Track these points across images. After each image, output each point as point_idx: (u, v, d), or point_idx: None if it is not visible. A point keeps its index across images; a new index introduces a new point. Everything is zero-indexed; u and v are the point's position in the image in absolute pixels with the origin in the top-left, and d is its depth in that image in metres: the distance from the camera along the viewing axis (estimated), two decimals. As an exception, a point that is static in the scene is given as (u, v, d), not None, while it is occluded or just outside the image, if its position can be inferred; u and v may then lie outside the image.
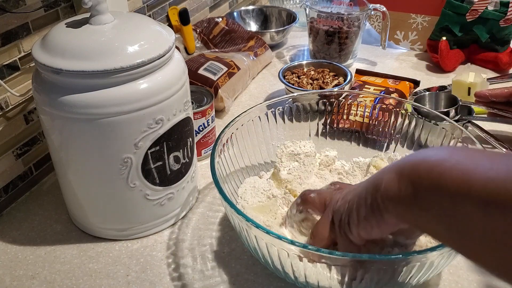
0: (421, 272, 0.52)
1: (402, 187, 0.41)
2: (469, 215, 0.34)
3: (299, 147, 0.73)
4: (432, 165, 0.38)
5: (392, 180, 0.42)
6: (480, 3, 1.03)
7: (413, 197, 0.40)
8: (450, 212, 0.36)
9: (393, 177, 0.42)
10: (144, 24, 0.61)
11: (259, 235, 0.53)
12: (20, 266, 0.65)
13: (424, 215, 0.39)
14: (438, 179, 0.37)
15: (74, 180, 0.64)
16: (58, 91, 0.57)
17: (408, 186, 0.40)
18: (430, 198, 0.38)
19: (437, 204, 0.37)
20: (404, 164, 0.42)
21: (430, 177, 0.38)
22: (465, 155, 0.37)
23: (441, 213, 0.37)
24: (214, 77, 0.93)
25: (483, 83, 0.94)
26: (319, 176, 0.72)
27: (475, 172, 0.34)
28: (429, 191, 0.38)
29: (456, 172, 0.35)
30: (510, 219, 0.31)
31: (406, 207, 0.41)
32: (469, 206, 0.34)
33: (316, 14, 1.09)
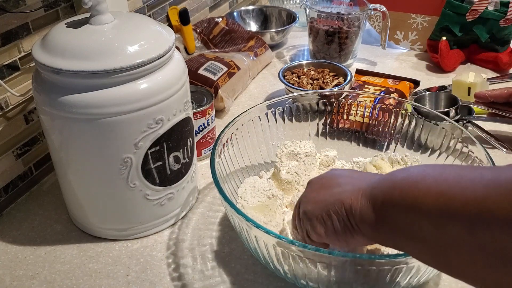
0: (421, 272, 0.52)
1: (378, 216, 0.41)
2: (453, 235, 0.34)
3: (299, 147, 0.73)
4: (405, 190, 0.38)
5: (365, 207, 0.42)
6: (480, 3, 1.03)
7: (390, 223, 0.40)
8: (432, 235, 0.35)
9: (366, 204, 0.42)
10: (144, 24, 0.61)
11: (259, 235, 0.53)
12: (20, 266, 0.65)
13: (403, 239, 0.39)
14: (415, 204, 0.36)
15: (74, 180, 0.64)
16: (58, 91, 0.57)
17: (384, 214, 0.40)
18: (409, 223, 0.37)
19: (418, 228, 0.36)
20: (377, 191, 0.42)
21: (406, 202, 0.37)
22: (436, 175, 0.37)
23: (422, 236, 0.36)
24: (214, 77, 0.93)
25: (483, 83, 0.94)
26: None
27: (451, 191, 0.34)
28: (407, 217, 0.37)
29: (432, 194, 0.35)
30: (497, 235, 0.31)
31: (384, 233, 0.41)
32: (452, 226, 0.34)
33: (316, 14, 1.09)
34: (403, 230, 0.38)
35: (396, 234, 0.40)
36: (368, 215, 0.42)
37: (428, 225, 0.35)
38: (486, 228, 0.31)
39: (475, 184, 0.33)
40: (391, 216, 0.39)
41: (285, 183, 0.70)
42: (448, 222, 0.34)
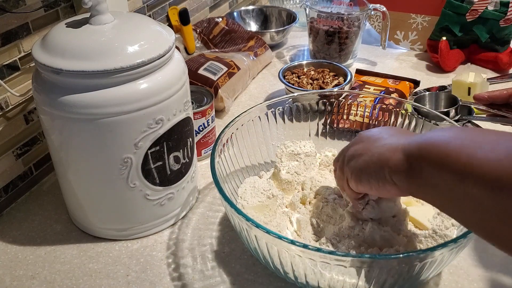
0: (422, 271, 0.52)
1: (412, 167, 0.44)
2: (472, 194, 0.37)
3: (299, 147, 0.73)
4: (439, 146, 0.41)
5: (401, 160, 0.46)
6: (480, 3, 1.03)
7: (423, 176, 0.43)
8: (456, 191, 0.39)
9: (402, 158, 0.46)
10: (144, 24, 0.61)
11: (259, 235, 0.53)
12: (20, 266, 0.65)
13: (434, 192, 0.43)
14: (445, 160, 0.40)
15: (74, 180, 0.64)
16: (58, 91, 0.57)
17: (418, 167, 0.44)
18: (439, 177, 0.41)
19: (445, 183, 0.40)
20: (413, 146, 0.45)
21: (438, 157, 0.41)
22: (469, 137, 0.40)
23: (449, 191, 0.40)
24: (214, 77, 0.93)
25: (483, 83, 0.94)
26: (320, 176, 0.72)
27: (476, 153, 0.37)
28: (437, 171, 0.41)
29: (460, 153, 0.38)
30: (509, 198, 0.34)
31: (417, 185, 0.45)
32: (472, 186, 0.37)
33: (316, 14, 1.09)
34: (433, 184, 0.42)
35: (427, 187, 0.43)
36: (402, 166, 0.45)
37: (453, 181, 0.39)
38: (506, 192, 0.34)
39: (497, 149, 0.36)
40: (424, 170, 0.43)
41: (285, 183, 0.70)
42: (468, 179, 0.37)
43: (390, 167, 0.47)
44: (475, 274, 0.62)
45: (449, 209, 0.43)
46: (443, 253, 0.50)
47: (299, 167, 0.71)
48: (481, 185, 0.36)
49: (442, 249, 0.49)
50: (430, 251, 0.49)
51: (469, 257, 0.64)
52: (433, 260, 0.50)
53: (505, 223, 0.35)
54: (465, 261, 0.64)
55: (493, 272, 0.62)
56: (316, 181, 0.69)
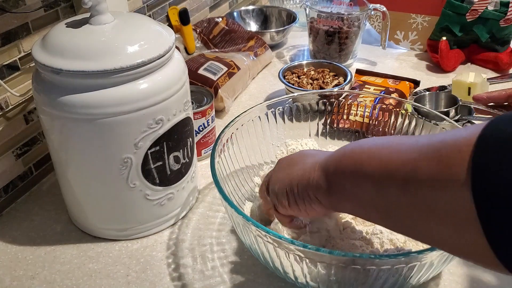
0: (421, 272, 0.52)
1: (330, 182, 0.46)
2: (391, 196, 0.38)
3: (300, 145, 0.74)
4: (353, 158, 0.42)
5: (319, 177, 0.47)
6: (480, 3, 1.03)
7: (341, 189, 0.44)
8: (376, 197, 0.39)
9: (320, 174, 0.47)
10: (144, 24, 0.61)
11: (259, 235, 0.53)
12: (20, 266, 0.65)
13: (355, 203, 0.43)
14: (360, 170, 0.41)
15: (74, 180, 0.64)
16: (58, 91, 0.57)
17: (335, 180, 0.45)
18: (357, 188, 0.42)
19: (364, 192, 0.41)
20: (329, 161, 0.46)
21: (353, 168, 0.42)
22: (380, 144, 0.41)
23: (369, 199, 0.40)
24: (214, 77, 0.93)
25: (483, 83, 0.94)
26: None
27: (393, 156, 0.38)
28: (355, 182, 0.42)
29: (374, 160, 0.39)
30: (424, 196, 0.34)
31: (337, 198, 0.46)
32: (391, 189, 0.38)
33: (316, 14, 1.09)
34: (353, 195, 0.43)
35: (347, 199, 0.44)
36: (322, 183, 0.46)
37: (371, 188, 0.40)
38: (418, 187, 0.35)
39: (410, 149, 0.37)
40: (341, 182, 0.44)
41: None
42: (386, 183, 0.38)
43: (312, 186, 0.48)
44: (475, 274, 0.62)
45: (372, 217, 0.43)
46: (443, 253, 0.50)
47: None
48: (393, 184, 0.37)
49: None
50: (430, 251, 0.49)
51: (469, 257, 0.64)
52: (433, 260, 0.50)
53: (422, 217, 0.36)
54: (465, 261, 0.63)
55: (493, 272, 0.62)
56: None
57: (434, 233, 0.36)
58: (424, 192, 0.34)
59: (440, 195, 0.33)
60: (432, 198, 0.34)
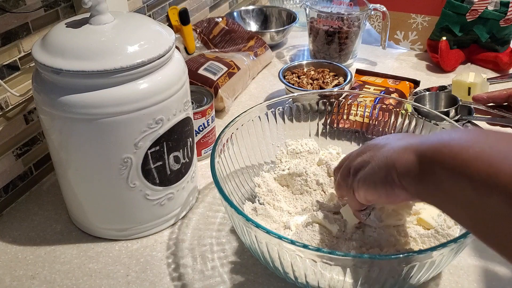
0: (422, 271, 0.52)
1: (424, 169, 0.41)
2: (495, 207, 0.34)
3: (300, 145, 0.74)
4: (456, 151, 0.38)
5: (411, 161, 0.42)
6: (480, 3, 1.03)
7: (435, 180, 0.40)
8: (474, 201, 0.36)
9: (413, 159, 0.42)
10: (144, 24, 0.61)
11: (259, 235, 0.53)
12: (20, 266, 0.65)
13: (446, 198, 0.39)
14: (462, 167, 0.36)
15: (74, 180, 0.64)
16: (58, 91, 0.57)
17: (430, 169, 0.40)
18: (453, 184, 0.38)
19: (460, 191, 0.37)
20: (426, 147, 0.42)
21: (454, 163, 0.37)
22: (490, 143, 0.36)
23: (464, 200, 0.37)
24: (214, 77, 0.93)
25: (483, 83, 0.94)
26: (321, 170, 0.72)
27: (502, 164, 0.34)
28: (452, 177, 0.38)
29: (482, 162, 0.35)
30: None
31: (427, 188, 0.41)
32: (495, 198, 0.34)
33: (316, 14, 1.09)
34: (446, 189, 0.39)
35: (438, 191, 0.40)
36: (414, 168, 0.42)
37: (471, 191, 0.36)
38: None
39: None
40: (437, 173, 0.39)
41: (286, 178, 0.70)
42: (491, 192, 0.34)
43: (398, 169, 0.44)
44: (475, 274, 0.62)
45: (461, 217, 0.39)
46: (443, 253, 0.50)
47: (300, 164, 0.71)
48: (504, 199, 0.33)
49: (442, 249, 0.49)
50: (430, 251, 0.49)
51: (469, 257, 0.64)
52: (433, 260, 0.50)
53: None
54: (465, 261, 0.64)
55: (493, 272, 0.62)
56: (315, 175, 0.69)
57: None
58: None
59: None
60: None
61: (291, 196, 0.69)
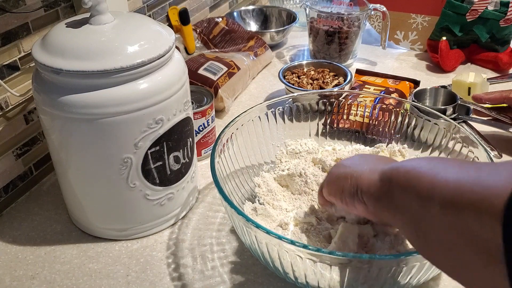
0: (421, 272, 0.52)
1: (381, 187, 0.46)
2: (431, 216, 0.38)
3: (300, 145, 0.73)
4: (408, 169, 0.43)
5: (374, 181, 0.48)
6: (480, 3, 1.03)
7: (389, 196, 0.45)
8: (419, 213, 0.40)
9: (376, 178, 0.48)
10: (144, 24, 0.61)
11: (259, 235, 0.53)
12: (20, 266, 0.65)
13: (397, 213, 0.44)
14: (411, 181, 0.41)
15: (74, 180, 0.64)
16: (58, 91, 0.57)
17: (387, 187, 0.45)
18: (404, 198, 0.42)
19: (409, 205, 0.41)
20: (388, 168, 0.47)
21: (405, 179, 0.42)
22: (436, 164, 0.41)
23: (411, 213, 0.41)
24: (214, 77, 0.93)
25: (483, 83, 0.94)
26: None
27: (442, 176, 0.38)
28: (403, 192, 0.42)
29: (427, 176, 0.40)
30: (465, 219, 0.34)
31: (382, 204, 0.47)
32: (432, 207, 0.38)
33: (316, 14, 1.09)
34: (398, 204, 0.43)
35: (391, 206, 0.45)
36: (374, 187, 0.48)
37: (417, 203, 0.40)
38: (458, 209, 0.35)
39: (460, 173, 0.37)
40: (391, 190, 0.44)
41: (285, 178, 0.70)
42: (431, 203, 0.38)
43: (363, 187, 0.49)
44: (475, 274, 0.62)
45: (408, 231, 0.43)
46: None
47: (300, 164, 0.71)
48: (440, 209, 0.37)
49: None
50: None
51: (469, 257, 0.64)
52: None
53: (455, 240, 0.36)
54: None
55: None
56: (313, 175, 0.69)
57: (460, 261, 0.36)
58: (463, 214, 0.34)
59: (477, 223, 0.33)
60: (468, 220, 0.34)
61: (290, 196, 0.69)
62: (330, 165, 0.69)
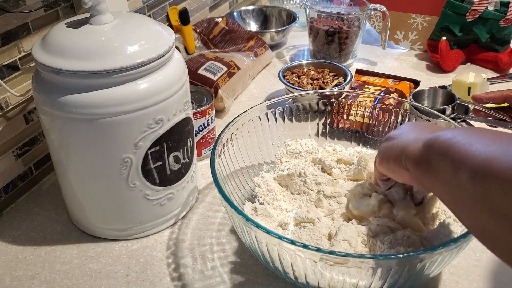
0: (422, 272, 0.52)
1: (423, 155, 0.49)
2: (461, 184, 0.40)
3: (300, 145, 0.73)
4: (446, 138, 0.45)
5: (418, 148, 0.50)
6: (480, 3, 1.03)
7: (428, 162, 0.47)
8: (452, 180, 0.42)
9: (419, 146, 0.50)
10: (144, 24, 0.61)
11: (259, 235, 0.53)
12: (20, 266, 0.65)
13: (433, 178, 0.46)
14: (448, 149, 0.44)
15: (74, 180, 0.64)
16: (58, 91, 0.57)
17: (427, 154, 0.48)
18: (440, 165, 0.45)
19: (443, 171, 0.44)
20: (432, 136, 0.49)
21: (443, 146, 0.45)
22: (474, 134, 0.43)
23: (446, 179, 0.43)
24: (214, 77, 0.93)
25: (483, 83, 0.94)
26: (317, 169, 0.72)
27: (474, 146, 0.40)
28: (440, 158, 0.45)
29: (462, 146, 0.42)
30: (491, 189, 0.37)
31: (421, 169, 0.49)
32: (462, 176, 0.40)
33: (316, 14, 1.09)
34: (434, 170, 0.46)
35: (429, 172, 0.47)
36: (416, 154, 0.50)
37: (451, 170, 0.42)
38: (487, 181, 0.37)
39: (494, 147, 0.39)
40: (431, 157, 0.47)
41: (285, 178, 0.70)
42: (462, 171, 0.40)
43: (407, 154, 0.52)
44: (475, 274, 0.62)
45: (442, 195, 0.46)
46: (444, 252, 0.50)
47: (300, 164, 0.71)
48: (468, 176, 0.39)
49: (442, 249, 0.49)
50: (431, 251, 0.49)
51: (469, 257, 0.64)
52: (434, 260, 0.50)
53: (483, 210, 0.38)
54: (465, 261, 0.64)
55: (493, 272, 0.62)
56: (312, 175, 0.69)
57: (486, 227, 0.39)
58: (490, 185, 0.37)
59: (501, 191, 0.36)
60: (494, 191, 0.36)
61: (290, 196, 0.69)
62: (330, 165, 0.69)
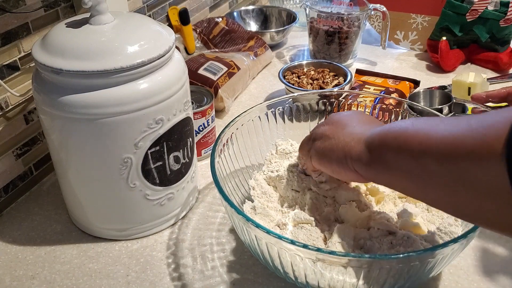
0: (423, 271, 0.52)
1: (372, 156, 0.49)
2: (429, 168, 0.41)
3: (290, 145, 0.73)
4: (397, 134, 0.45)
5: (362, 151, 0.50)
6: (480, 3, 1.03)
7: (383, 161, 0.47)
8: (415, 169, 0.43)
9: (364, 149, 0.50)
10: (144, 24, 0.61)
11: (259, 235, 0.53)
12: (20, 266, 0.65)
13: (392, 174, 0.47)
14: (404, 144, 0.44)
15: (74, 180, 0.64)
16: (58, 91, 0.57)
17: (378, 154, 0.48)
18: (398, 160, 0.45)
19: (404, 164, 0.44)
20: (374, 136, 0.49)
21: (397, 143, 0.45)
22: (422, 123, 0.44)
23: (407, 171, 0.44)
24: (214, 77, 0.93)
25: (483, 83, 0.94)
26: None
27: (434, 133, 0.41)
28: (397, 155, 0.45)
29: (417, 136, 0.42)
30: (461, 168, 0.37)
31: (376, 170, 0.49)
32: (428, 165, 0.41)
33: (316, 14, 1.09)
34: (392, 167, 0.46)
35: (385, 170, 0.48)
36: (364, 156, 0.50)
37: (412, 161, 0.43)
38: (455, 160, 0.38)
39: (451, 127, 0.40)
40: (384, 155, 0.47)
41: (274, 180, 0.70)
42: (426, 156, 0.41)
43: (352, 157, 0.51)
44: (475, 274, 0.62)
45: (410, 190, 0.46)
46: (444, 252, 0.50)
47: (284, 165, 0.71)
48: (434, 158, 0.40)
49: (442, 249, 0.49)
50: (431, 251, 0.49)
51: (469, 257, 0.64)
52: (434, 260, 0.50)
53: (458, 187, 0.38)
54: (465, 261, 0.64)
55: (493, 272, 0.62)
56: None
57: (467, 205, 0.39)
58: (462, 164, 0.37)
59: (476, 167, 0.36)
60: (469, 169, 0.37)
61: (281, 198, 0.69)
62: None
